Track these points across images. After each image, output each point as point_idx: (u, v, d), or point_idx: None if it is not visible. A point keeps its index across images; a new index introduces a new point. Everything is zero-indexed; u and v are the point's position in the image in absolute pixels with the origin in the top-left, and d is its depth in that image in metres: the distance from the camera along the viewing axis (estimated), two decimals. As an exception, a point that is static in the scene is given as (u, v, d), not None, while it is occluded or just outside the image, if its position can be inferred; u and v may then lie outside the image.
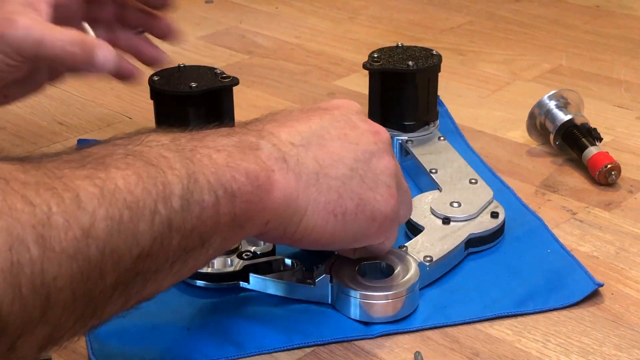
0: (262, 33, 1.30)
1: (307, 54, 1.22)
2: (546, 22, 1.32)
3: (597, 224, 0.81)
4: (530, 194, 0.86)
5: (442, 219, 0.76)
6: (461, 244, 0.74)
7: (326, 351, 0.66)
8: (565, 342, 0.66)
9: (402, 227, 0.79)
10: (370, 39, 1.26)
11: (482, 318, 0.69)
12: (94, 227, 0.47)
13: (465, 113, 1.02)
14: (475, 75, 1.14)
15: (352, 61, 1.18)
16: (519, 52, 1.21)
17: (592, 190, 0.87)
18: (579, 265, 0.74)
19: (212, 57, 1.21)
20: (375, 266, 0.71)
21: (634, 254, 0.77)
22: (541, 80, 1.12)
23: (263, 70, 1.17)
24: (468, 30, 1.30)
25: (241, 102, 0.98)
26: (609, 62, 1.17)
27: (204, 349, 0.65)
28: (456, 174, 0.84)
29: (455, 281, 0.73)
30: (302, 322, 0.68)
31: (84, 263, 0.47)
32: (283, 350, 0.66)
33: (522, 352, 0.65)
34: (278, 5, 1.41)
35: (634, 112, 1.03)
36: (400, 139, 0.90)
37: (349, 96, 1.08)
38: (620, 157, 0.89)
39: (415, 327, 0.68)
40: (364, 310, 0.68)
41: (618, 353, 0.65)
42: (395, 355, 0.65)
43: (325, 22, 1.34)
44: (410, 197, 0.70)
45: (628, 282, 0.73)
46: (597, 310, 0.70)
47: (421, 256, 0.72)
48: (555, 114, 0.92)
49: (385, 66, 0.88)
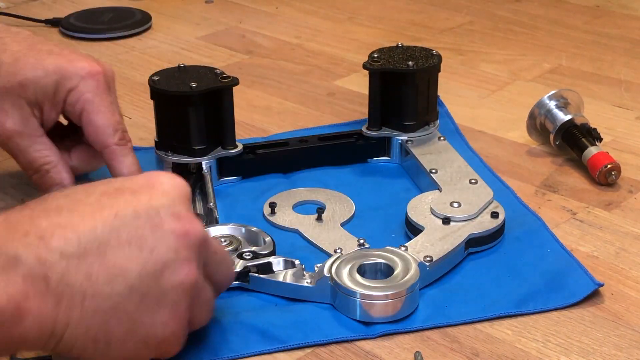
0: (262, 33, 1.30)
1: (307, 54, 1.22)
2: (546, 22, 1.32)
3: (597, 224, 0.81)
4: (530, 194, 0.86)
5: (442, 219, 0.76)
6: (461, 244, 0.74)
7: (326, 351, 0.66)
8: (565, 342, 0.66)
9: (402, 227, 0.79)
10: (370, 39, 1.26)
11: (482, 318, 0.69)
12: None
13: (465, 113, 1.02)
14: (475, 75, 1.14)
15: (352, 61, 1.18)
16: (519, 52, 1.21)
17: (592, 190, 0.87)
18: (579, 265, 0.74)
19: (212, 57, 1.21)
20: (375, 266, 0.71)
21: (634, 254, 0.77)
22: (541, 80, 1.12)
23: (263, 70, 1.16)
24: (468, 30, 1.30)
25: (241, 102, 0.98)
26: (609, 62, 1.17)
27: (204, 349, 0.65)
28: (456, 174, 0.84)
29: (455, 281, 0.73)
30: (302, 322, 0.68)
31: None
32: (283, 350, 0.66)
33: (522, 352, 0.65)
34: (278, 5, 1.41)
35: (634, 112, 1.03)
36: (400, 139, 0.90)
37: (349, 96, 1.08)
38: (620, 157, 0.89)
39: (415, 327, 0.68)
40: (364, 310, 0.68)
41: (618, 353, 0.65)
42: (395, 355, 0.65)
43: (325, 22, 1.34)
44: (211, 297, 0.62)
45: (628, 282, 0.73)
46: (597, 310, 0.70)
47: (421, 256, 0.72)
48: (555, 114, 0.92)
49: (385, 66, 0.88)
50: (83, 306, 0.54)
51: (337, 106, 1.05)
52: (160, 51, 1.24)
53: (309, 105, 1.06)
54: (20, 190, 0.87)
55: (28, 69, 0.76)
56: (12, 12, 1.36)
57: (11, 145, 0.78)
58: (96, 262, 0.54)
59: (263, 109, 1.05)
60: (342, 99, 1.08)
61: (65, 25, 1.30)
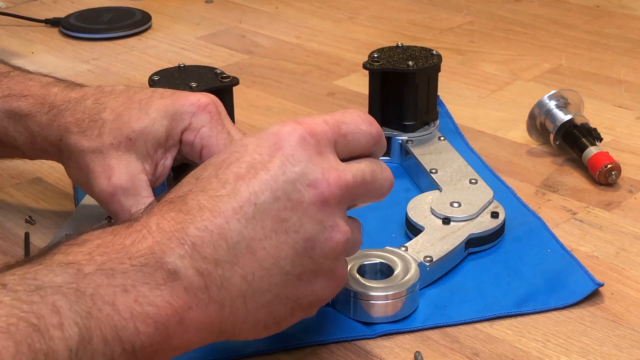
0: (262, 33, 1.30)
1: (307, 54, 1.22)
2: (546, 22, 1.32)
3: (597, 224, 0.81)
4: (530, 194, 0.86)
5: (442, 219, 0.76)
6: (461, 244, 0.74)
7: (326, 351, 0.66)
8: (565, 342, 0.66)
9: (402, 227, 0.79)
10: (370, 39, 1.26)
11: (482, 318, 0.69)
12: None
13: (465, 113, 1.02)
14: (475, 75, 1.14)
15: (352, 61, 1.18)
16: (519, 52, 1.21)
17: (592, 190, 0.87)
18: (579, 265, 0.74)
19: (212, 57, 1.21)
20: (375, 266, 0.71)
21: (634, 254, 0.77)
22: (541, 80, 1.12)
23: (263, 70, 1.17)
24: (468, 30, 1.30)
25: (241, 102, 0.98)
26: (609, 62, 1.17)
27: (204, 349, 0.65)
28: (456, 174, 0.84)
29: (455, 281, 0.73)
30: (302, 322, 0.68)
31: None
32: (283, 350, 0.66)
33: (522, 352, 0.65)
34: (278, 5, 1.41)
35: (634, 112, 1.03)
36: (400, 139, 0.90)
37: (349, 96, 1.08)
38: (620, 157, 0.89)
39: (415, 327, 0.68)
40: (364, 310, 0.68)
41: (618, 353, 0.65)
42: (395, 355, 0.65)
43: (325, 22, 1.34)
44: (359, 235, 0.63)
45: (628, 282, 0.73)
46: (597, 310, 0.70)
47: (421, 256, 0.72)
48: (555, 114, 0.92)
49: (385, 66, 0.88)
50: (246, 306, 0.55)
51: (337, 106, 1.05)
52: (160, 51, 1.24)
53: (309, 105, 1.06)
54: (20, 191, 0.87)
55: (133, 122, 0.71)
56: (12, 12, 1.36)
57: (114, 203, 0.71)
58: (248, 261, 0.55)
59: (263, 109, 1.05)
60: (342, 99, 1.08)
61: (65, 25, 1.30)
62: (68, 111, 0.73)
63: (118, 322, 0.50)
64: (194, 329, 0.54)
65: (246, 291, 0.55)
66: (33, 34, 1.31)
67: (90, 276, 0.50)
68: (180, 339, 0.53)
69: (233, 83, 0.85)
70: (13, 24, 1.34)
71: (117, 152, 0.71)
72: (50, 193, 0.87)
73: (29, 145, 0.75)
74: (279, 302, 0.57)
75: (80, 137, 0.72)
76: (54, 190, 0.88)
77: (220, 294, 0.54)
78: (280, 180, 0.56)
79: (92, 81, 1.04)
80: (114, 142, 0.71)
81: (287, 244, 0.55)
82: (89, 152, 0.71)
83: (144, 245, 0.53)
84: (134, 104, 0.72)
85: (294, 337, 0.66)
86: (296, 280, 0.57)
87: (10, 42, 1.28)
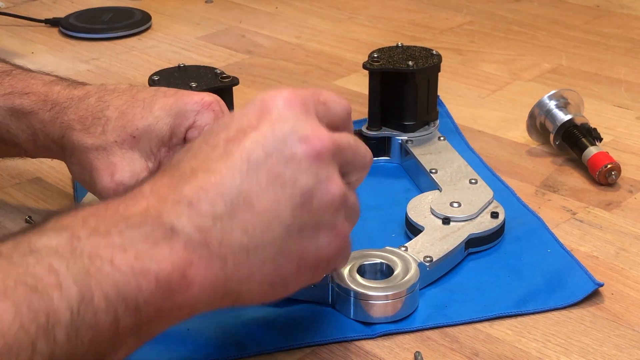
0: (262, 33, 1.30)
1: (307, 54, 1.22)
2: (546, 22, 1.32)
3: (597, 224, 0.81)
4: (530, 194, 0.86)
5: (442, 219, 0.76)
6: (461, 244, 0.74)
7: (326, 351, 0.66)
8: (565, 342, 0.66)
9: (402, 227, 0.79)
10: (370, 39, 1.26)
11: (482, 318, 0.69)
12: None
13: (465, 113, 1.02)
14: (475, 75, 1.14)
15: (352, 61, 1.18)
16: (519, 52, 1.21)
17: (592, 190, 0.87)
18: (579, 265, 0.74)
19: (212, 57, 1.21)
20: (375, 266, 0.71)
21: (634, 254, 0.77)
22: (541, 80, 1.12)
23: (263, 70, 1.17)
24: (468, 30, 1.30)
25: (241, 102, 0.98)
26: (609, 62, 1.17)
27: (204, 349, 0.65)
28: (456, 174, 0.84)
29: (455, 281, 0.73)
30: (302, 322, 0.68)
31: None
32: (283, 350, 0.66)
33: (522, 352, 0.65)
34: (278, 5, 1.41)
35: (634, 112, 1.03)
36: (400, 139, 0.90)
37: (349, 96, 1.08)
38: (620, 157, 0.89)
39: (415, 327, 0.68)
40: (364, 310, 0.68)
41: (618, 353, 0.65)
42: (395, 355, 0.65)
43: (325, 22, 1.34)
44: (355, 199, 0.62)
45: (628, 282, 0.73)
46: (597, 310, 0.70)
47: (421, 256, 0.72)
48: (555, 114, 0.92)
49: (385, 66, 0.88)
50: (249, 261, 0.54)
51: (337, 106, 1.05)
52: (160, 51, 1.24)
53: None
54: (20, 190, 0.87)
55: (137, 120, 0.71)
56: (12, 12, 1.36)
57: None
58: (247, 214, 0.54)
59: (263, 109, 1.05)
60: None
61: (65, 25, 1.30)
62: (71, 109, 0.73)
63: (119, 279, 0.49)
64: (198, 286, 0.53)
65: (248, 244, 0.54)
66: (33, 34, 1.31)
67: (86, 238, 0.50)
68: (183, 295, 0.52)
69: (233, 83, 0.85)
70: (13, 24, 1.34)
71: (121, 149, 0.71)
72: (50, 193, 0.87)
73: (31, 142, 0.75)
74: (283, 257, 0.56)
75: (84, 134, 0.72)
76: (53, 190, 0.88)
77: (221, 249, 0.53)
78: (271, 138, 0.56)
79: (92, 81, 1.03)
80: (118, 140, 0.71)
81: (285, 197, 0.55)
82: (92, 149, 0.71)
83: (139, 208, 0.53)
84: (137, 102, 0.72)
85: (294, 337, 0.66)
86: (298, 234, 0.56)
87: (10, 42, 1.28)
